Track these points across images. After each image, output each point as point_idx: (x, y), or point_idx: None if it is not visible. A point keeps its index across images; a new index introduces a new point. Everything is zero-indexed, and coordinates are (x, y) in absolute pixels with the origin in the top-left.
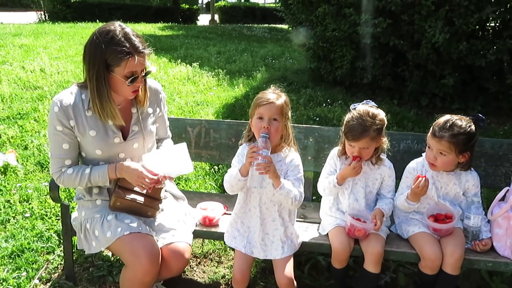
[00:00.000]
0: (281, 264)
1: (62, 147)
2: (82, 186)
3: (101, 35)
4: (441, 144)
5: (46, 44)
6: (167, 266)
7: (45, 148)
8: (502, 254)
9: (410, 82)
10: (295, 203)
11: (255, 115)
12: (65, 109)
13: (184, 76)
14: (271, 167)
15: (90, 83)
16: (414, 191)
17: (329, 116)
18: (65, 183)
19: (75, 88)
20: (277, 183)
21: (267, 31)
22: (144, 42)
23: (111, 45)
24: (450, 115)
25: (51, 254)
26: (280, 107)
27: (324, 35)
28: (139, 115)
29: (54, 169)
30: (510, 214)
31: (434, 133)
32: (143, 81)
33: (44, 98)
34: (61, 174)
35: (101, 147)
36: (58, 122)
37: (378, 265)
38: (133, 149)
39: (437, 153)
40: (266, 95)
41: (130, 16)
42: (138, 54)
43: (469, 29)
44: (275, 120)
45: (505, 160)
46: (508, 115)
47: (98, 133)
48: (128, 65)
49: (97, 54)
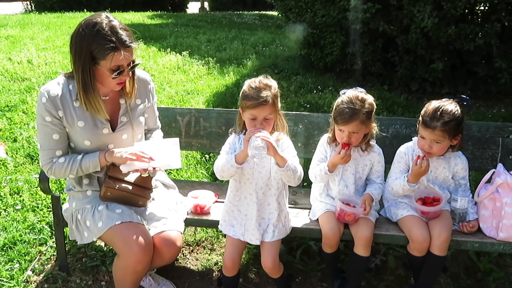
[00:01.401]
0: (268, 248)
1: (52, 138)
2: (72, 175)
3: (87, 27)
4: (434, 134)
5: (33, 35)
6: (159, 255)
7: (35, 140)
8: (488, 235)
9: (400, 67)
10: (300, 179)
11: (247, 114)
12: (53, 99)
13: (174, 65)
14: (272, 144)
15: (76, 74)
16: (416, 171)
17: (320, 103)
18: (56, 173)
19: (62, 79)
20: (283, 162)
21: (257, 18)
22: (132, 35)
23: (97, 38)
24: (436, 101)
25: (44, 245)
26: (271, 105)
27: (313, 21)
28: (128, 106)
29: (44, 160)
30: (495, 195)
31: (426, 124)
32: (129, 74)
33: (32, 89)
34: (52, 165)
35: (89, 138)
36: (47, 113)
37: (367, 249)
38: (122, 140)
39: (432, 142)
40: (255, 92)
41: (118, 5)
42: (125, 49)
43: (458, 13)
44: (268, 117)
45: (491, 142)
46: (497, 98)
47: (86, 124)
48: (113, 59)
49: (83, 47)
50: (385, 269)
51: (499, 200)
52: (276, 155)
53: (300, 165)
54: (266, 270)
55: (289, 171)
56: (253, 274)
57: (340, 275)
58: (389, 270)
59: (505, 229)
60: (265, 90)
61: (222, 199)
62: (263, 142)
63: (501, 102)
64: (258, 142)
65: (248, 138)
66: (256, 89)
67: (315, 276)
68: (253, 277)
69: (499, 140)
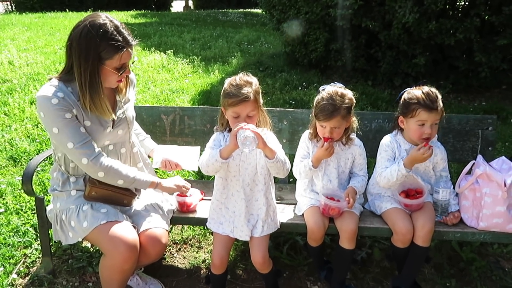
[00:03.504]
0: (257, 243)
1: (81, 131)
2: (122, 181)
3: (93, 28)
4: (437, 113)
5: (14, 36)
6: (145, 252)
7: (17, 142)
8: (469, 225)
9: (383, 63)
10: (288, 170)
11: (229, 112)
12: (63, 99)
13: (158, 64)
14: (261, 136)
15: (82, 77)
16: (416, 157)
17: (305, 99)
18: (111, 171)
19: (56, 82)
20: (272, 153)
21: (242, 16)
22: (131, 33)
23: (105, 39)
24: (416, 88)
25: (29, 248)
26: (253, 101)
27: (297, 18)
28: (121, 102)
29: (91, 155)
30: (475, 186)
31: (430, 107)
32: (130, 70)
33: (14, 91)
34: (104, 160)
35: (94, 137)
36: (65, 111)
37: (352, 242)
38: (118, 135)
39: (433, 124)
40: (236, 89)
41: (101, 4)
42: (130, 47)
43: (438, 9)
44: (251, 114)
45: (471, 135)
46: (478, 92)
47: (92, 124)
48: (122, 58)
49: (91, 49)
50: (371, 261)
51: (479, 190)
52: (265, 147)
53: (286, 156)
54: (256, 266)
55: (278, 163)
56: (240, 271)
57: (326, 266)
58: (374, 263)
59: (485, 219)
60: (246, 86)
61: (209, 197)
62: (252, 134)
63: (481, 96)
64: (248, 133)
65: (235, 133)
66: (237, 86)
67: (302, 271)
68: (240, 273)
69: (478, 132)
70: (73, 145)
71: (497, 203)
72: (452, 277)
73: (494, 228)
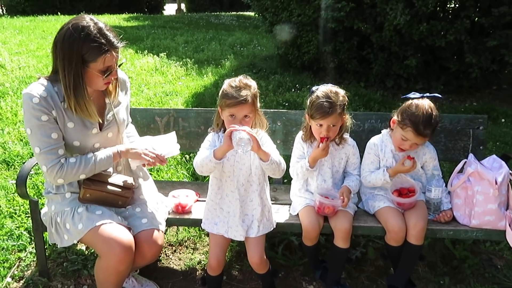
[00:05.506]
0: (254, 244)
1: (52, 137)
2: (84, 175)
3: (76, 31)
4: (424, 139)
5: (5, 39)
6: (140, 254)
7: (10, 146)
8: (461, 223)
9: (375, 64)
10: (284, 171)
11: (226, 112)
12: (44, 99)
13: (151, 67)
14: (255, 138)
15: (66, 79)
16: (400, 169)
17: (298, 101)
18: (67, 174)
19: (45, 81)
20: (266, 156)
21: (235, 18)
22: (117, 36)
23: (88, 42)
24: (419, 104)
25: (23, 251)
26: (251, 104)
27: (289, 20)
28: (111, 104)
29: (49, 162)
30: (467, 184)
31: (419, 132)
32: (117, 73)
33: (6, 94)
34: (62, 166)
35: (78, 139)
36: (42, 113)
37: (347, 241)
38: (107, 138)
39: (415, 144)
40: (235, 91)
41: (93, 7)
42: (114, 49)
43: (429, 11)
44: (247, 116)
45: (463, 134)
46: (469, 92)
47: (76, 125)
48: (105, 61)
49: (73, 51)
50: (365, 260)
51: (471, 188)
52: (260, 150)
53: (281, 156)
54: (253, 266)
55: (273, 164)
56: (236, 272)
57: (321, 265)
58: (369, 262)
59: (477, 217)
60: (245, 89)
61: (203, 198)
62: (247, 135)
63: (472, 96)
64: (243, 134)
65: (229, 133)
66: (236, 88)
67: (298, 271)
68: (236, 274)
69: (469, 132)
70: (39, 150)
71: (488, 201)
72: (446, 275)
73: (486, 226)
